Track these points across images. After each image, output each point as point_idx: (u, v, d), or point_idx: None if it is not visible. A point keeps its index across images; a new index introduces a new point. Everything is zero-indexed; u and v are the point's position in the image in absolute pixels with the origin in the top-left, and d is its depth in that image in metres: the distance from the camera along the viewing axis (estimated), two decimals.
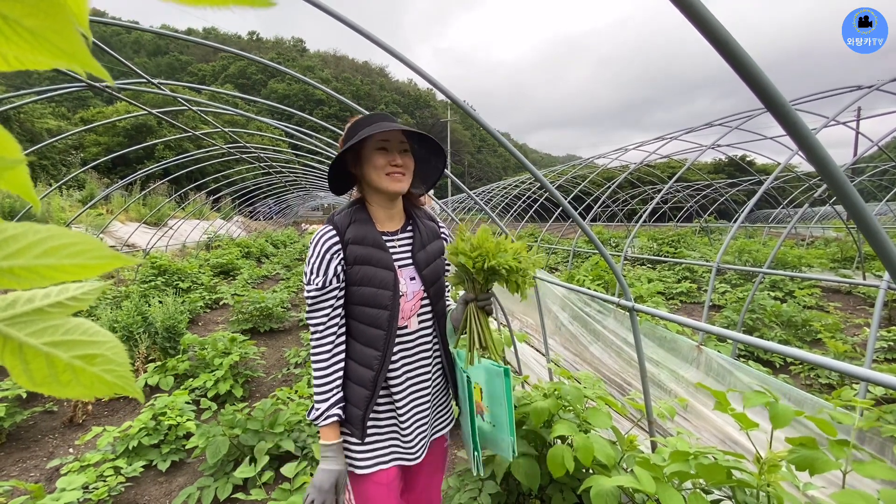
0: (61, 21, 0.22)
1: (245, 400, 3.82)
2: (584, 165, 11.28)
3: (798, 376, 4.17)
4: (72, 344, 0.27)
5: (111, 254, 0.26)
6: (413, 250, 1.26)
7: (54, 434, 3.38)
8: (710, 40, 0.70)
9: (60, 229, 0.25)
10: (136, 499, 2.59)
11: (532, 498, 2.14)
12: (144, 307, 4.58)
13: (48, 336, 0.27)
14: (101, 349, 0.28)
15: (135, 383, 0.29)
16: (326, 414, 1.15)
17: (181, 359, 4.08)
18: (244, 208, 20.58)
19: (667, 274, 8.97)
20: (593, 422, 1.76)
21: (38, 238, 0.25)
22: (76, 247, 0.25)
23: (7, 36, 0.22)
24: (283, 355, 5.02)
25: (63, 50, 0.23)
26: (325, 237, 1.18)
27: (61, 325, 0.28)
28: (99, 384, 0.28)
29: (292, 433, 2.80)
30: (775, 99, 0.72)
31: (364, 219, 1.21)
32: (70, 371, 0.27)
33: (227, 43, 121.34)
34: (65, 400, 3.79)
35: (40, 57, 0.23)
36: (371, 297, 1.18)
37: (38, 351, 0.27)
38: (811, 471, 1.16)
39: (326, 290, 1.16)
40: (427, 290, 1.26)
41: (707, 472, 1.30)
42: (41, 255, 0.25)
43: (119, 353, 0.29)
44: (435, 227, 1.35)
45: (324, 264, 1.16)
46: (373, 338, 1.19)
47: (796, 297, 6.60)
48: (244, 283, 8.74)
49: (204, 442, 2.56)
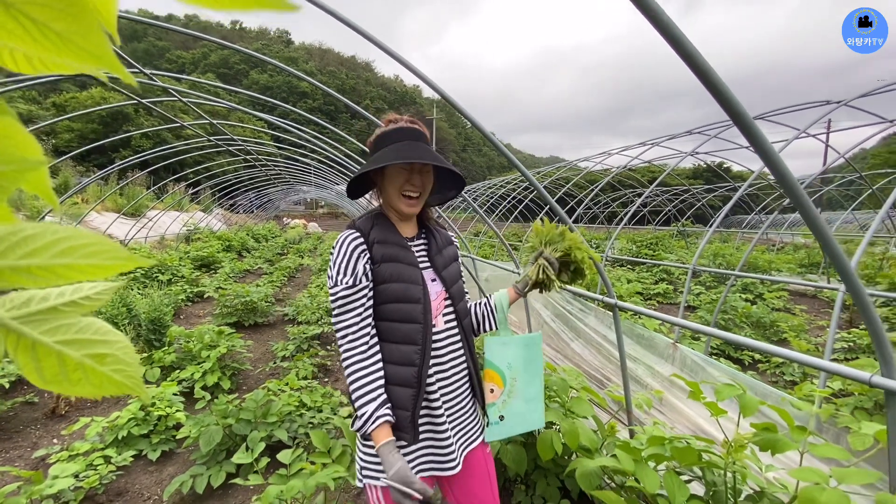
0: (89, 25, 0.22)
1: (233, 392, 3.83)
2: (568, 168, 11.51)
3: (765, 373, 4.43)
4: (83, 343, 0.28)
5: (127, 255, 0.26)
6: (430, 254, 1.31)
7: (36, 425, 3.34)
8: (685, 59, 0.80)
9: (77, 230, 0.25)
10: (127, 487, 2.61)
11: (518, 483, 2.26)
12: (128, 298, 4.53)
13: (61, 334, 0.27)
14: (111, 349, 0.28)
15: (143, 385, 0.30)
16: (375, 416, 1.09)
17: (167, 351, 4.07)
18: (225, 201, 20.19)
19: (645, 275, 9.26)
20: (577, 410, 1.88)
21: (55, 238, 0.25)
22: (92, 247, 0.25)
23: (35, 38, 0.22)
24: (268, 349, 5.03)
25: (90, 53, 0.23)
26: (350, 238, 1.19)
27: (74, 324, 0.28)
28: (108, 384, 0.28)
29: (284, 423, 2.86)
30: (739, 112, 0.84)
31: (386, 223, 1.25)
32: (80, 370, 0.28)
33: (208, 31, 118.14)
34: (46, 391, 3.74)
35: (67, 60, 0.23)
36: (402, 292, 1.18)
37: (50, 349, 0.27)
38: (772, 451, 1.30)
39: (357, 289, 1.15)
40: (448, 290, 1.29)
41: (681, 455, 1.43)
42: (58, 254, 0.25)
43: (129, 353, 0.29)
44: (447, 235, 1.41)
45: (352, 262, 1.16)
46: (409, 333, 1.18)
47: (766, 299, 6.93)
48: (226, 277, 8.65)
49: (196, 431, 2.59)
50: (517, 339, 1.40)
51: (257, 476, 2.00)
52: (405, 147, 1.16)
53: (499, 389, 1.42)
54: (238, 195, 19.55)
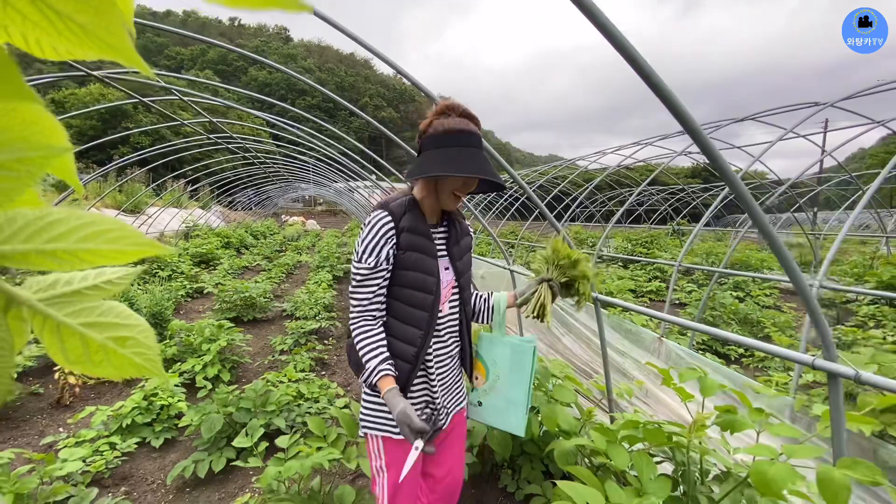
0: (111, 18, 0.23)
1: (233, 384, 3.94)
2: (565, 166, 11.62)
3: (748, 367, 4.56)
4: (106, 326, 0.28)
5: (148, 241, 0.27)
6: (448, 244, 1.41)
7: (42, 414, 3.45)
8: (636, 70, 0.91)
9: (101, 216, 0.26)
10: (131, 472, 2.72)
11: (504, 468, 2.37)
12: (130, 293, 4.63)
13: (84, 317, 0.28)
14: (132, 332, 0.29)
15: (162, 368, 0.31)
16: (378, 368, 1.24)
17: (169, 344, 4.17)
18: (223, 198, 20.28)
19: (639, 273, 9.39)
20: (559, 397, 2.00)
21: (79, 223, 0.25)
22: (115, 233, 0.26)
23: (59, 30, 0.23)
24: (267, 343, 5.13)
25: (110, 45, 0.24)
26: (383, 222, 1.26)
27: (97, 307, 0.29)
28: (128, 366, 0.29)
29: (282, 412, 2.97)
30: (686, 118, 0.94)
31: (417, 212, 1.32)
32: (102, 352, 0.28)
33: (207, 27, 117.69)
34: (50, 382, 3.84)
35: (88, 51, 0.24)
36: (420, 281, 1.30)
37: (74, 330, 0.28)
38: (731, 430, 1.42)
39: (377, 271, 1.27)
40: (458, 279, 1.42)
41: (651, 436, 1.55)
42: (82, 239, 0.25)
43: (149, 337, 0.30)
44: (466, 226, 1.50)
45: (378, 246, 1.26)
46: (417, 318, 1.31)
47: (754, 296, 7.06)
48: (225, 273, 8.74)
49: (198, 419, 2.70)
50: (506, 341, 1.51)
51: (256, 459, 2.11)
52: (470, 157, 1.22)
53: (482, 380, 1.56)
54: (237, 192, 19.64)
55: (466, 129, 1.25)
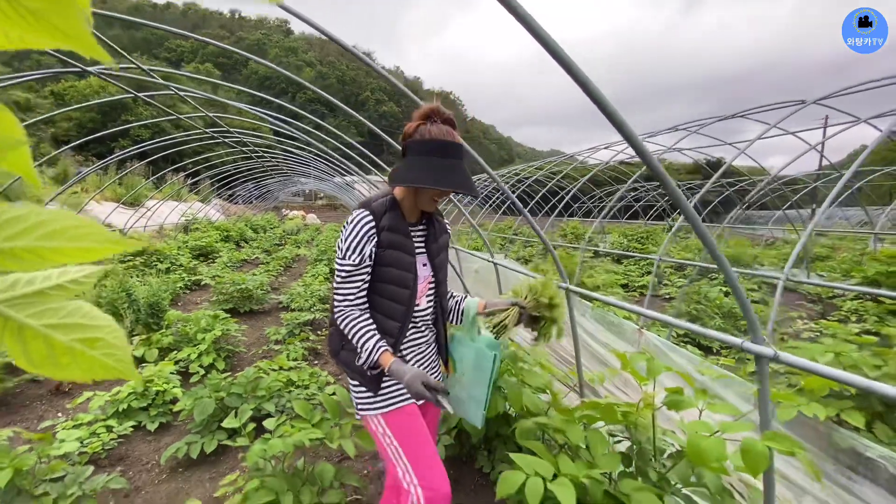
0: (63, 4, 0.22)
1: (227, 372, 4.07)
2: (560, 161, 11.70)
3: (727, 358, 4.67)
4: (72, 327, 0.27)
5: (114, 238, 0.26)
6: (427, 242, 1.50)
7: (42, 400, 3.57)
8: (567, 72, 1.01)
9: (63, 212, 0.25)
10: (127, 453, 2.85)
11: (481, 449, 2.50)
12: (128, 284, 4.74)
13: (48, 318, 0.27)
14: (101, 333, 0.28)
15: (135, 368, 0.29)
16: (378, 346, 1.33)
17: (165, 333, 4.29)
18: (223, 192, 20.36)
19: (632, 268, 9.50)
20: (530, 381, 2.11)
21: (40, 220, 0.25)
22: (79, 230, 0.25)
23: (8, 15, 0.22)
24: (263, 334, 5.26)
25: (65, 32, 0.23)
26: (364, 221, 1.35)
27: (61, 308, 0.27)
28: (98, 367, 0.28)
29: (273, 398, 3.10)
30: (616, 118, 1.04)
31: (398, 211, 1.40)
32: (69, 354, 0.27)
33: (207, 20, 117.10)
34: None
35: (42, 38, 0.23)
36: (398, 277, 1.39)
37: (37, 332, 0.27)
38: (676, 409, 1.53)
39: (361, 267, 1.36)
40: (436, 275, 1.53)
41: (605, 413, 1.67)
42: (43, 237, 0.25)
43: (119, 337, 0.29)
44: (444, 224, 1.60)
45: (360, 244, 1.34)
46: (395, 311, 1.41)
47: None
48: (223, 266, 8.87)
49: (191, 403, 2.83)
50: (471, 344, 1.60)
51: (244, 439, 2.23)
52: (449, 169, 1.30)
53: (451, 372, 1.69)
54: (237, 186, 19.71)
55: (449, 140, 1.31)
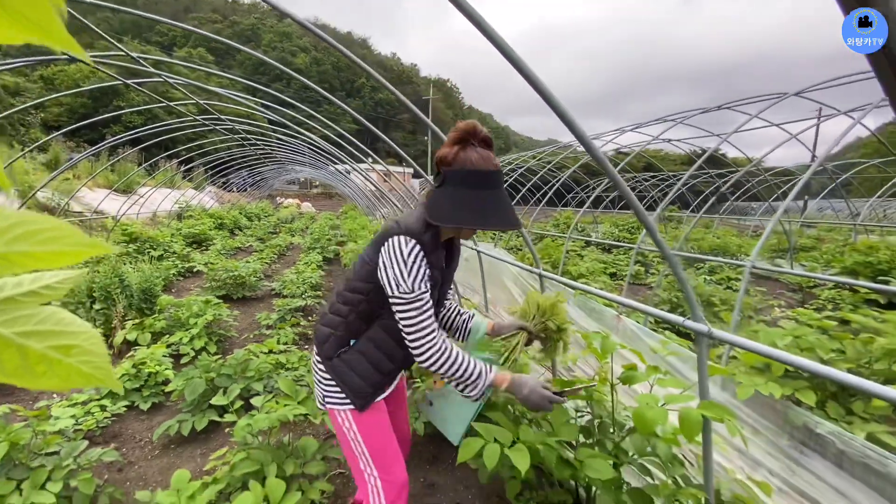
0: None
1: (218, 355, 4.18)
2: (554, 151, 11.76)
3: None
4: (46, 334, 0.27)
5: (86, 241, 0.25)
6: (447, 261, 1.51)
7: None
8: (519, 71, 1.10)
9: (33, 215, 0.24)
10: (121, 431, 2.97)
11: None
12: (121, 270, 4.82)
13: (20, 326, 0.26)
14: (77, 339, 0.27)
15: (114, 375, 0.29)
16: (486, 368, 1.36)
17: (158, 318, 4.39)
18: (217, 179, 20.28)
19: (621, 258, 9.64)
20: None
21: (8, 224, 0.23)
22: (50, 233, 0.24)
23: None
24: (255, 319, 5.37)
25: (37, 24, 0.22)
26: (419, 250, 1.31)
27: (35, 315, 0.27)
28: (76, 375, 0.27)
29: (261, 379, 3.21)
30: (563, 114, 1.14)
31: (436, 235, 1.36)
32: (45, 362, 0.27)
33: (199, 3, 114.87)
34: None
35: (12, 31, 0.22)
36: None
37: (9, 341, 0.26)
38: (629, 383, 1.66)
39: (426, 291, 1.32)
40: (443, 294, 1.60)
41: (562, 385, 1.79)
42: (12, 241, 0.24)
43: (97, 343, 0.28)
44: (459, 244, 1.63)
45: (422, 271, 1.31)
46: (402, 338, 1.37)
47: (730, 279, 7.35)
48: (217, 254, 8.93)
49: (183, 384, 2.94)
50: None
51: (232, 415, 2.35)
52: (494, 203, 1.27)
53: (440, 385, 1.79)
54: (231, 173, 19.63)
55: (490, 169, 1.28)
